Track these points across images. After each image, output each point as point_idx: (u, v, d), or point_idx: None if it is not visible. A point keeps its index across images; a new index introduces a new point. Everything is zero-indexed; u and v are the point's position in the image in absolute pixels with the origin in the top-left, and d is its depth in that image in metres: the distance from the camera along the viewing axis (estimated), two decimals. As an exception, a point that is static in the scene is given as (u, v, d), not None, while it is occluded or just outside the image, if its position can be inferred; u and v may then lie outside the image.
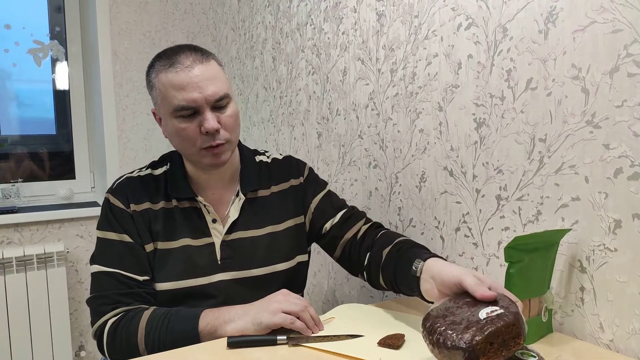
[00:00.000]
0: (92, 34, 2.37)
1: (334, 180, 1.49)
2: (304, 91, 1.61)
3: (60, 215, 2.21)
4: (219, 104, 0.94)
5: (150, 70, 0.98)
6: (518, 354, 0.65)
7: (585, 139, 0.82)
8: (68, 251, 2.25)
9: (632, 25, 0.75)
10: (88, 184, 2.50)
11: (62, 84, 2.47)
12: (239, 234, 1.02)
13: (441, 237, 1.12)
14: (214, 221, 1.01)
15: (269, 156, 1.13)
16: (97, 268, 0.96)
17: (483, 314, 0.63)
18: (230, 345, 0.83)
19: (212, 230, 1.01)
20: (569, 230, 0.84)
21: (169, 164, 1.05)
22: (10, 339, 2.03)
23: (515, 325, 0.61)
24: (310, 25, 1.55)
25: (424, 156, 1.15)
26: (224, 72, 0.98)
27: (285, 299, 0.90)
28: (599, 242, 0.81)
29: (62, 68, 2.45)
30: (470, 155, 1.03)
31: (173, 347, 0.85)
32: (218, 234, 1.01)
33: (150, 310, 0.92)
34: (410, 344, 0.82)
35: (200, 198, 1.01)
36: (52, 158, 2.49)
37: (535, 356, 0.65)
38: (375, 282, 1.00)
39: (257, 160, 1.10)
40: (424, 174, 1.16)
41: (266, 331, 0.87)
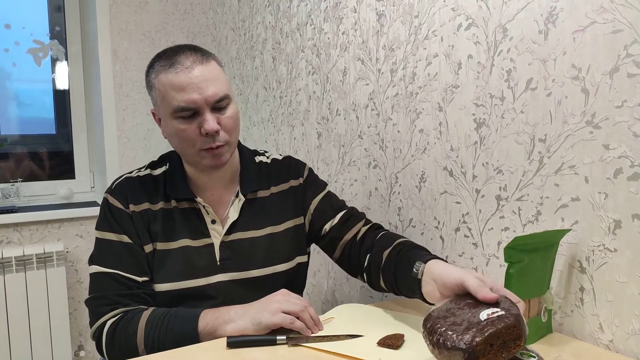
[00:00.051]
0: (92, 34, 2.37)
1: (334, 181, 1.49)
2: (303, 91, 1.61)
3: (60, 215, 2.21)
4: (219, 105, 0.94)
5: (150, 71, 0.97)
6: (518, 354, 0.65)
7: (585, 139, 0.82)
8: (68, 251, 2.25)
9: (632, 25, 0.75)
10: (88, 184, 2.50)
11: (62, 84, 2.46)
12: (239, 234, 1.02)
13: (441, 238, 1.12)
14: (213, 222, 1.01)
15: (268, 157, 1.13)
16: (96, 269, 0.95)
17: (484, 315, 0.63)
18: (230, 345, 0.83)
19: (212, 231, 1.01)
20: (568, 230, 0.84)
21: (168, 164, 1.05)
22: (10, 338, 2.03)
23: (515, 327, 0.61)
24: (310, 25, 1.55)
25: (423, 156, 1.15)
26: (224, 73, 0.98)
27: (285, 299, 0.90)
28: (598, 243, 0.81)
29: (62, 68, 2.45)
30: (470, 156, 1.03)
31: (172, 348, 0.85)
32: (217, 235, 1.01)
33: (149, 311, 0.92)
34: (409, 344, 0.82)
35: (199, 199, 1.00)
36: (52, 158, 2.48)
37: (534, 356, 0.65)
38: (375, 284, 0.99)
39: (257, 161, 1.10)
40: (424, 174, 1.15)
41: (266, 331, 0.87)
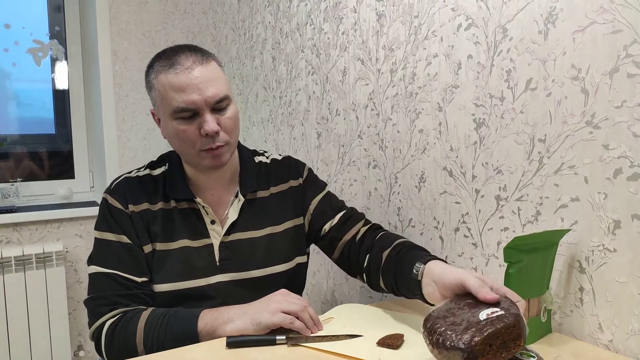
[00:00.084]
0: (92, 34, 2.37)
1: (334, 181, 1.49)
2: (303, 91, 1.61)
3: (60, 214, 2.21)
4: (218, 106, 0.93)
5: (149, 71, 0.97)
6: (517, 354, 0.65)
7: (584, 139, 0.82)
8: (67, 251, 2.25)
9: (632, 25, 0.75)
10: (87, 184, 2.50)
11: (62, 84, 2.46)
12: (238, 235, 1.02)
13: (440, 238, 1.12)
14: (212, 222, 1.01)
15: (268, 157, 1.13)
16: (95, 269, 0.95)
17: (483, 315, 0.63)
18: (229, 345, 0.83)
19: (211, 232, 1.01)
20: (568, 230, 0.84)
21: (168, 164, 1.04)
22: (9, 338, 2.03)
23: (515, 327, 0.61)
24: (310, 25, 1.55)
25: (423, 156, 1.15)
26: (224, 73, 0.97)
27: (285, 299, 0.90)
28: (598, 243, 0.81)
29: (62, 67, 2.45)
30: (470, 156, 1.03)
31: (172, 348, 0.85)
32: (217, 235, 1.01)
33: (148, 311, 0.91)
34: (409, 344, 0.82)
35: (198, 199, 1.00)
36: (52, 157, 2.49)
37: (534, 356, 0.65)
38: (375, 285, 0.99)
39: (257, 161, 1.10)
40: (424, 174, 1.16)
41: (265, 331, 0.87)
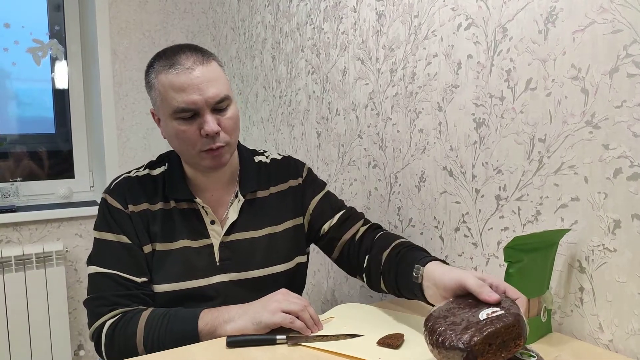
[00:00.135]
0: (92, 33, 2.37)
1: (334, 180, 1.49)
2: (303, 91, 1.61)
3: (59, 214, 2.21)
4: (219, 106, 0.93)
5: (149, 70, 0.96)
6: (517, 353, 0.65)
7: (584, 139, 0.82)
8: (67, 250, 2.25)
9: (632, 25, 0.75)
10: (87, 183, 2.50)
11: (62, 83, 2.46)
12: (238, 235, 1.02)
13: (440, 237, 1.12)
14: (212, 222, 1.01)
15: (267, 156, 1.13)
16: (95, 269, 0.95)
17: (483, 314, 0.63)
18: (230, 345, 0.83)
19: (211, 232, 1.01)
20: (568, 230, 0.85)
21: (167, 164, 1.04)
22: (10, 338, 2.03)
23: (515, 326, 0.61)
24: (310, 25, 1.55)
25: (423, 156, 1.15)
26: (224, 73, 0.97)
27: (285, 298, 0.90)
28: (598, 243, 0.81)
29: (62, 67, 2.45)
30: (470, 155, 1.03)
31: (172, 347, 0.85)
32: (217, 236, 1.01)
33: (148, 311, 0.91)
34: (409, 344, 0.82)
35: (198, 200, 1.00)
36: (51, 157, 2.48)
37: (534, 356, 0.65)
38: (376, 286, 0.99)
39: (256, 161, 1.10)
40: (424, 174, 1.16)
41: (265, 330, 0.87)
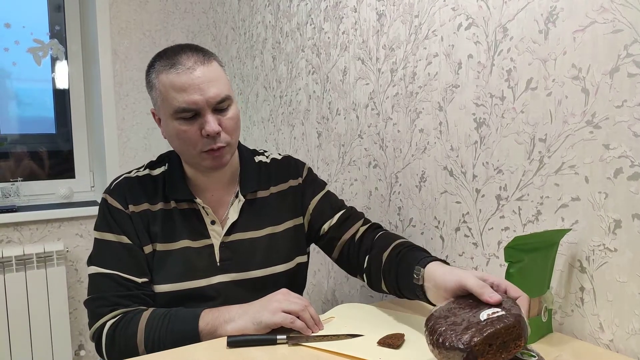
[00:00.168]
0: (92, 33, 2.37)
1: (334, 180, 1.49)
2: (303, 91, 1.61)
3: (60, 214, 2.21)
4: (220, 106, 0.93)
5: (150, 70, 0.96)
6: (518, 354, 0.65)
7: (585, 139, 0.82)
8: (68, 250, 2.25)
9: (632, 25, 0.75)
10: (88, 183, 2.50)
11: (62, 83, 2.46)
12: (238, 235, 1.02)
13: (441, 237, 1.12)
14: (212, 223, 1.01)
15: (267, 156, 1.13)
16: (95, 269, 0.95)
17: (484, 315, 0.63)
18: (230, 345, 0.83)
19: (211, 232, 1.01)
20: (568, 230, 0.84)
21: (167, 164, 1.04)
22: (10, 338, 2.03)
23: (515, 327, 0.61)
24: (311, 24, 1.55)
25: (424, 156, 1.15)
26: (225, 73, 0.97)
27: (285, 298, 0.90)
28: (598, 242, 0.81)
29: (62, 67, 2.45)
30: (470, 155, 1.03)
31: (173, 348, 0.85)
32: (217, 236, 1.01)
33: (149, 311, 0.91)
34: (410, 344, 0.82)
35: (198, 200, 1.00)
36: (52, 157, 2.49)
37: (535, 356, 0.65)
38: (377, 287, 0.99)
39: (257, 161, 1.10)
40: (424, 174, 1.16)
41: (266, 330, 0.87)
